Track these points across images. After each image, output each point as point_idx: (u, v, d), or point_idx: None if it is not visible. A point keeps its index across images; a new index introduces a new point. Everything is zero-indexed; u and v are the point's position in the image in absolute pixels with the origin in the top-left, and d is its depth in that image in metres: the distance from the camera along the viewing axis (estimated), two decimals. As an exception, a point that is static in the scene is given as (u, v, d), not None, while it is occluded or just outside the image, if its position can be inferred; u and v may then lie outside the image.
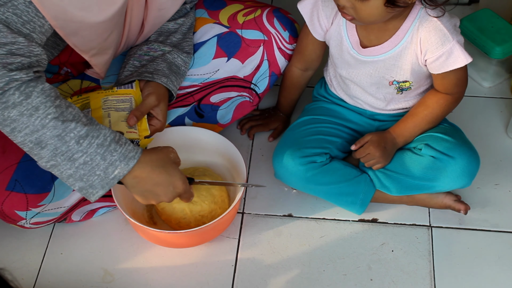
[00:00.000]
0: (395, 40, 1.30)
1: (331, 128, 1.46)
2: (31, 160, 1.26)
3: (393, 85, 1.37)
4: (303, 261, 1.38)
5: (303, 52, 1.46)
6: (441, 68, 1.30)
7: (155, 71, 1.33)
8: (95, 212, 1.43)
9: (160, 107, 1.32)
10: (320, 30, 1.38)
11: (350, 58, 1.36)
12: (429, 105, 1.37)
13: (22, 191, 1.26)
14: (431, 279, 1.34)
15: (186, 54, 1.40)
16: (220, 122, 1.50)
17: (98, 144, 1.11)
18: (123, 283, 1.35)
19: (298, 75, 1.52)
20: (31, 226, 1.31)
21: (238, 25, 1.46)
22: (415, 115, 1.38)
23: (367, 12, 1.19)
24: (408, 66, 1.32)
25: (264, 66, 1.48)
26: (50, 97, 1.09)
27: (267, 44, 1.46)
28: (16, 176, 1.26)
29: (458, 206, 1.41)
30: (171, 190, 1.20)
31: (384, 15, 1.21)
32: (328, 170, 1.39)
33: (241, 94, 1.48)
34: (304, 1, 1.37)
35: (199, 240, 1.37)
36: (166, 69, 1.34)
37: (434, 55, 1.27)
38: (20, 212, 1.27)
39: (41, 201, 1.28)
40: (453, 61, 1.28)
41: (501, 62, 1.66)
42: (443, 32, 1.25)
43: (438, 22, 1.25)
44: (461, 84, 1.36)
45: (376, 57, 1.33)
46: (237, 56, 1.45)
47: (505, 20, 1.66)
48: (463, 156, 1.34)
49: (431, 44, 1.27)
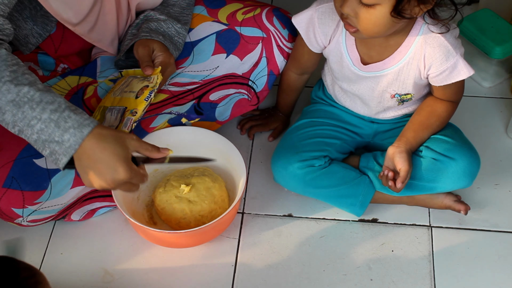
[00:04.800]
0: (398, 56, 1.29)
1: (329, 130, 1.46)
2: (28, 157, 1.27)
3: (395, 98, 1.37)
4: (303, 261, 1.38)
5: (298, 60, 1.47)
6: (443, 81, 1.31)
7: (151, 31, 1.37)
8: (95, 212, 1.43)
9: (156, 48, 1.36)
10: (316, 45, 1.38)
11: (350, 74, 1.36)
12: (441, 115, 1.37)
13: (18, 188, 1.26)
14: (431, 279, 1.34)
15: (181, 24, 1.42)
16: (219, 119, 1.50)
17: (51, 110, 1.08)
18: (123, 283, 1.35)
19: (295, 79, 1.52)
20: (28, 224, 1.31)
21: (237, 22, 1.46)
22: (429, 127, 1.37)
23: (372, 21, 1.16)
24: (411, 81, 1.32)
25: (263, 64, 1.48)
26: (6, 62, 1.08)
27: (266, 41, 1.46)
28: (12, 173, 1.26)
29: (458, 207, 1.41)
30: (112, 172, 1.10)
31: (389, 27, 1.19)
32: (327, 174, 1.39)
33: (239, 91, 1.49)
34: (299, 16, 1.35)
35: (199, 240, 1.37)
36: (159, 31, 1.39)
37: (438, 70, 1.28)
38: (17, 210, 1.27)
39: (38, 198, 1.28)
40: (456, 74, 1.29)
41: (501, 62, 1.66)
42: (447, 48, 1.25)
43: (442, 38, 1.25)
44: (460, 91, 1.37)
45: (378, 72, 1.32)
46: (236, 52, 1.46)
47: (505, 20, 1.66)
48: (463, 157, 1.34)
49: (436, 59, 1.27)
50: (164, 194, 1.38)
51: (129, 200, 1.39)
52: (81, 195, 1.36)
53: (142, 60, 1.35)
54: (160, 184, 1.42)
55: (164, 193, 1.38)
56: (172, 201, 1.36)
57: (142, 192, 1.45)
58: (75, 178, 1.31)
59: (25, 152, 1.28)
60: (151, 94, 1.32)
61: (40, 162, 1.28)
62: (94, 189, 1.38)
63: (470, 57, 1.70)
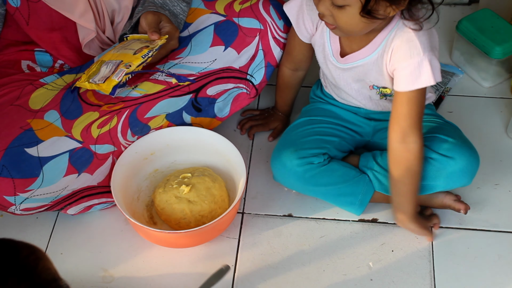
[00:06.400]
0: (372, 47, 1.29)
1: (328, 128, 1.46)
2: (18, 146, 1.29)
3: (374, 89, 1.36)
4: (303, 261, 1.38)
5: (291, 53, 1.48)
6: (403, 82, 1.23)
7: (156, 6, 1.43)
8: (91, 208, 1.43)
9: (163, 19, 1.41)
10: (306, 33, 1.39)
11: (331, 65, 1.38)
12: (411, 167, 1.29)
13: (9, 176, 1.27)
14: (431, 279, 1.34)
15: (186, 3, 1.46)
16: (218, 115, 1.50)
17: None
18: (123, 283, 1.35)
19: (289, 75, 1.53)
20: (21, 212, 1.32)
21: (235, 13, 1.47)
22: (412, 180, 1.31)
23: (344, 20, 1.18)
24: (385, 74, 1.31)
25: (260, 56, 1.49)
26: None
27: (262, 34, 1.48)
28: (3, 161, 1.27)
29: (458, 206, 1.41)
30: None
31: (362, 26, 1.19)
32: (327, 171, 1.39)
33: (238, 86, 1.49)
34: (290, 3, 1.38)
35: (199, 240, 1.37)
36: (165, 6, 1.44)
37: (400, 65, 1.24)
38: (9, 198, 1.28)
39: (29, 186, 1.29)
40: (416, 77, 1.22)
41: (501, 62, 1.66)
42: (415, 44, 1.21)
43: (413, 34, 1.22)
44: (416, 112, 1.25)
45: (354, 63, 1.33)
46: (234, 45, 1.46)
47: (505, 20, 1.67)
48: (463, 157, 1.34)
49: (400, 54, 1.23)
50: (164, 195, 1.38)
51: (129, 200, 1.39)
52: (76, 188, 1.36)
53: (150, 26, 1.39)
54: (160, 185, 1.42)
55: (164, 193, 1.38)
56: (172, 201, 1.36)
57: (142, 192, 1.45)
58: (68, 166, 1.32)
59: (16, 141, 1.29)
60: (149, 53, 1.35)
61: (31, 151, 1.29)
62: (92, 185, 1.39)
63: (470, 57, 1.71)
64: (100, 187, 1.41)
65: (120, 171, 1.37)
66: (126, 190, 1.39)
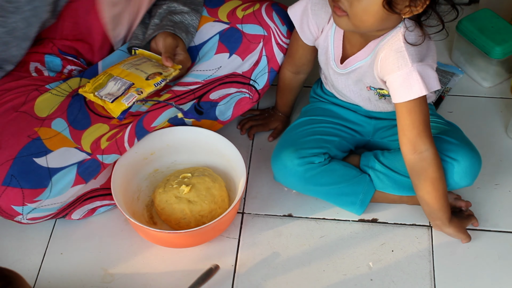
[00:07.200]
0: (367, 51, 1.29)
1: (328, 127, 1.46)
2: (27, 156, 1.27)
3: (371, 90, 1.36)
4: (303, 261, 1.38)
5: (293, 56, 1.48)
6: (398, 94, 1.23)
7: (175, 25, 1.43)
8: (95, 211, 1.43)
9: (180, 46, 1.43)
10: (310, 36, 1.39)
11: (330, 69, 1.38)
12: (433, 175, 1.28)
13: (18, 186, 1.26)
14: (431, 279, 1.34)
15: (198, 14, 1.48)
16: (220, 118, 1.50)
17: None
18: (123, 283, 1.35)
19: (290, 78, 1.53)
20: (28, 221, 1.31)
21: (238, 20, 1.47)
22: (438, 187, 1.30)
23: (362, 7, 1.15)
24: (377, 79, 1.30)
25: (263, 62, 1.49)
26: None
27: (266, 40, 1.47)
28: (12, 171, 1.26)
29: (459, 204, 1.41)
30: None
31: (374, 20, 1.17)
32: (327, 171, 1.39)
33: (240, 90, 1.49)
34: (294, 7, 1.38)
35: (199, 240, 1.37)
36: (182, 25, 1.45)
37: (390, 77, 1.23)
38: (17, 207, 1.28)
39: (37, 196, 1.28)
40: (407, 89, 1.21)
41: (501, 62, 1.66)
42: (402, 55, 1.20)
43: (402, 45, 1.21)
44: (422, 120, 1.24)
45: (352, 67, 1.33)
46: (238, 52, 1.47)
47: (505, 20, 1.67)
48: (465, 158, 1.34)
49: (388, 64, 1.22)
50: (163, 195, 1.38)
51: (129, 200, 1.39)
52: (80, 193, 1.36)
53: (166, 50, 1.40)
54: (160, 185, 1.42)
55: (164, 193, 1.38)
56: (172, 202, 1.36)
57: (142, 192, 1.45)
58: (76, 177, 1.31)
59: (25, 150, 1.28)
60: (162, 83, 1.35)
61: (40, 161, 1.28)
62: (94, 188, 1.39)
63: (470, 57, 1.71)
64: (102, 189, 1.41)
65: (120, 171, 1.37)
66: (126, 190, 1.39)
